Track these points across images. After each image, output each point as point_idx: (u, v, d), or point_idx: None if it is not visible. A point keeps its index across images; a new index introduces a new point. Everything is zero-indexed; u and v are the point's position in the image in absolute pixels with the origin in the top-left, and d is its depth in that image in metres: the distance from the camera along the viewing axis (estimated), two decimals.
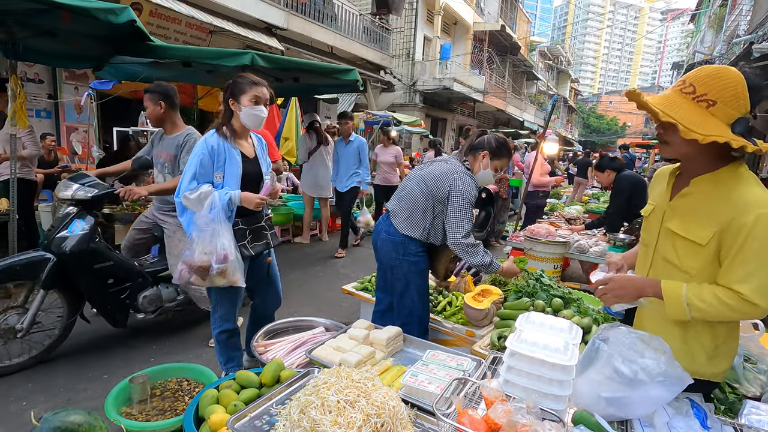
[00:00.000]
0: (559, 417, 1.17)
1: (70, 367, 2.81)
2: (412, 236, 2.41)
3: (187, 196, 2.16)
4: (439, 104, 19.92)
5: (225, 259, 2.13)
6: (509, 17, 26.30)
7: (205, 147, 2.20)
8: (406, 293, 2.47)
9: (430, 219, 2.40)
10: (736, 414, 1.49)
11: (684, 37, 59.89)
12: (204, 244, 2.12)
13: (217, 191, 2.18)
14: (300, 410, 1.14)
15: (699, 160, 1.31)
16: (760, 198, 1.20)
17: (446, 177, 2.34)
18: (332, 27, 11.94)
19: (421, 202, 2.38)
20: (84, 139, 7.96)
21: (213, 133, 2.25)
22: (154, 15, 7.97)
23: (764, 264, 1.19)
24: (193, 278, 2.18)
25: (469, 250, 2.32)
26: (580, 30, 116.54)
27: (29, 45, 3.90)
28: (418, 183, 2.41)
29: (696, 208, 1.32)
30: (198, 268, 2.13)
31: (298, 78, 5.38)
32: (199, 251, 2.12)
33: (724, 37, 14.94)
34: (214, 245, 2.12)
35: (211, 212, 2.13)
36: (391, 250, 2.45)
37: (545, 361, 1.24)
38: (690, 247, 1.32)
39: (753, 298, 1.19)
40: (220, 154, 2.21)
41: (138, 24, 3.41)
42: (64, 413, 1.30)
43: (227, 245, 2.15)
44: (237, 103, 2.24)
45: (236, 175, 2.26)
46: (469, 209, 2.32)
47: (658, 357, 1.22)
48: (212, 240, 2.12)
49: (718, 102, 1.18)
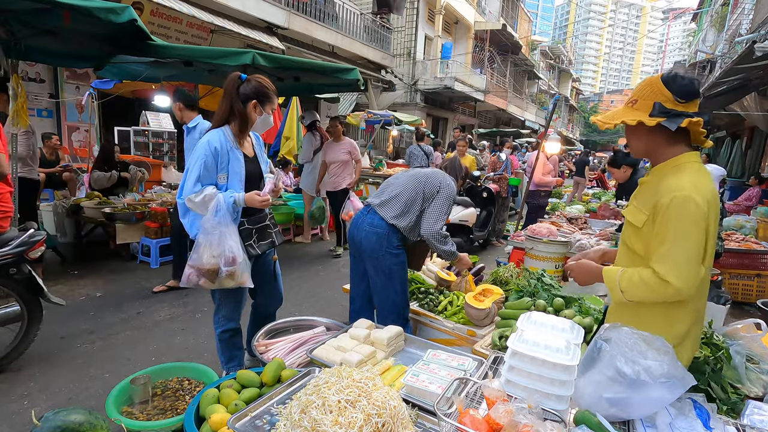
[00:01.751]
0: (561, 417, 1.17)
1: (71, 366, 2.81)
2: (398, 226, 2.55)
3: (191, 198, 2.13)
4: (440, 104, 19.89)
5: (233, 261, 2.12)
6: (510, 16, 26.24)
7: (208, 149, 2.14)
8: (390, 285, 2.59)
9: (415, 214, 2.59)
10: (738, 414, 1.49)
11: (686, 36, 59.72)
12: (212, 248, 2.11)
13: (221, 194, 2.16)
14: (301, 410, 1.14)
15: (651, 153, 1.48)
16: (680, 183, 1.32)
17: (436, 176, 2.65)
18: (333, 26, 11.92)
19: (413, 197, 2.59)
20: (85, 138, 7.97)
21: (215, 133, 2.19)
22: (156, 14, 7.97)
23: (677, 244, 1.29)
24: (202, 281, 2.15)
25: (442, 239, 2.56)
26: (582, 29, 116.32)
27: (31, 44, 3.91)
28: (410, 180, 2.64)
29: (642, 195, 1.49)
30: (207, 272, 2.12)
31: (299, 77, 5.38)
32: (208, 255, 2.10)
33: (726, 36, 14.88)
34: (222, 248, 2.10)
35: (217, 215, 2.11)
36: (374, 242, 2.56)
37: (547, 361, 1.24)
38: (634, 231, 1.46)
39: (667, 276, 1.29)
40: (223, 155, 2.18)
41: (139, 23, 3.41)
42: (65, 412, 1.30)
43: (235, 247, 2.14)
44: (261, 108, 2.26)
45: (240, 176, 2.24)
46: (450, 207, 2.61)
47: (660, 358, 1.21)
48: (220, 243, 2.11)
49: (639, 100, 1.42)
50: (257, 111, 2.26)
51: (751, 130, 12.09)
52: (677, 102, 1.35)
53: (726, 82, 8.25)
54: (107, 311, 3.67)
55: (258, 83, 2.25)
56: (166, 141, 9.12)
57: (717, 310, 2.42)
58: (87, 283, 4.29)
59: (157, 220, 4.92)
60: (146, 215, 4.97)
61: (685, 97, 1.35)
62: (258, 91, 2.24)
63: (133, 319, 3.56)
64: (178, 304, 3.90)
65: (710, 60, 16.12)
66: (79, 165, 7.10)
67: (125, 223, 4.91)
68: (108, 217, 4.87)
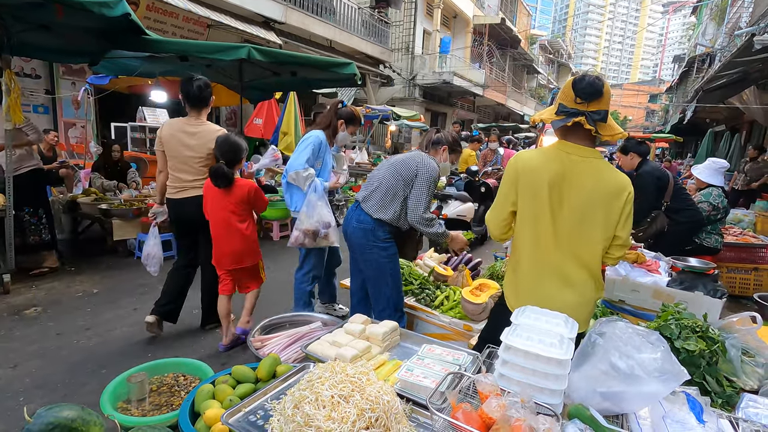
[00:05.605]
0: (554, 411, 1.17)
1: (67, 363, 2.81)
2: (383, 219, 2.56)
3: (300, 172, 2.90)
4: (439, 98, 19.83)
5: (329, 225, 2.96)
6: (509, 10, 26.11)
7: (316, 140, 3.00)
8: (381, 278, 2.61)
9: (400, 201, 2.56)
10: (733, 407, 1.49)
11: (685, 29, 59.45)
12: (314, 215, 2.91)
13: (318, 178, 2.97)
14: (294, 405, 1.14)
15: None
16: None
17: (413, 159, 2.57)
18: (331, 21, 11.85)
19: (392, 185, 2.56)
20: (82, 134, 7.93)
21: (320, 132, 3.07)
22: (152, 9, 7.91)
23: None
24: (306, 240, 2.95)
25: (428, 223, 2.54)
26: (581, 23, 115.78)
27: (25, 39, 3.88)
28: (388, 169, 2.61)
29: None
30: (310, 233, 2.92)
31: (296, 72, 5.35)
32: (312, 220, 2.90)
33: (726, 29, 14.82)
34: (321, 216, 2.92)
35: (318, 192, 2.94)
36: (362, 237, 2.60)
37: (540, 355, 1.23)
38: None
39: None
40: (323, 149, 3.04)
41: (133, 17, 3.38)
42: (57, 408, 1.29)
43: (329, 216, 2.98)
44: (346, 126, 3.15)
45: (328, 166, 3.14)
46: (432, 188, 2.54)
47: (654, 352, 1.21)
48: (321, 212, 2.92)
49: (556, 100, 1.65)
50: (342, 128, 3.15)
51: (750, 123, 12.07)
52: (576, 102, 1.54)
53: (725, 75, 8.22)
54: (104, 307, 3.67)
55: (350, 110, 3.17)
56: None
57: (713, 304, 2.41)
58: (84, 279, 4.28)
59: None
60: (143, 211, 4.96)
61: (584, 98, 1.53)
62: (347, 115, 3.13)
63: (130, 315, 3.56)
64: None
65: (710, 53, 16.06)
66: (75, 161, 7.07)
67: (122, 220, 4.90)
68: (104, 214, 4.86)
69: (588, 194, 1.58)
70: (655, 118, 48.94)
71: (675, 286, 2.64)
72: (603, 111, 1.54)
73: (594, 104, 1.53)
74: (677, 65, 29.72)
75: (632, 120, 57.90)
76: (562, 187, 1.60)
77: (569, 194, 1.60)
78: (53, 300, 3.75)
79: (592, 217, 1.60)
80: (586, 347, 1.31)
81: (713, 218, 3.93)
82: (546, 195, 1.60)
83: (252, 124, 8.55)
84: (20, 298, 3.76)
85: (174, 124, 2.99)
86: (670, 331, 1.75)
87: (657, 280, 2.76)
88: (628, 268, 2.91)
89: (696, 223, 3.83)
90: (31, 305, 3.62)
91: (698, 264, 2.80)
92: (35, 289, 3.96)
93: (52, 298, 3.80)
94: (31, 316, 3.44)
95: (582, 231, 1.61)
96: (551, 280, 1.67)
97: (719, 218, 4.00)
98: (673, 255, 3.13)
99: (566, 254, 1.64)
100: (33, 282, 4.11)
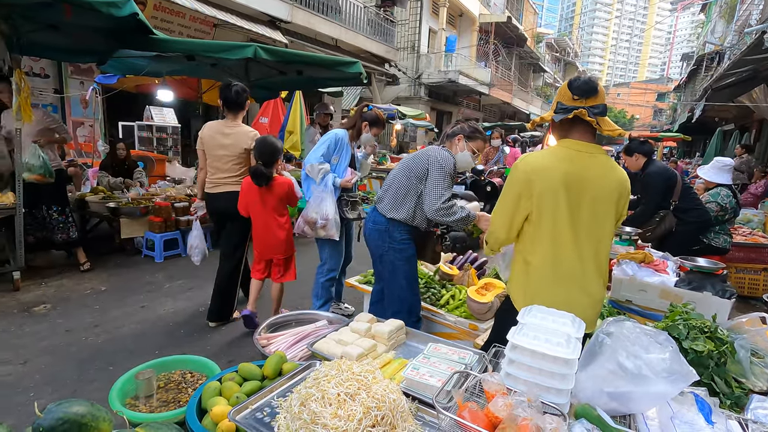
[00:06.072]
0: (561, 411, 1.16)
1: (76, 359, 2.84)
2: (397, 218, 2.50)
3: (314, 165, 3.03)
4: (445, 97, 19.77)
5: (327, 218, 3.05)
6: (516, 8, 25.98)
7: (335, 137, 3.13)
8: (394, 280, 2.55)
9: (413, 199, 2.48)
10: (742, 409, 1.47)
11: (694, 27, 58.82)
12: (315, 206, 3.06)
13: (331, 174, 3.10)
14: (300, 402, 1.14)
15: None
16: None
17: (424, 154, 2.48)
18: (336, 20, 11.85)
19: (404, 184, 2.49)
20: (90, 133, 8.00)
21: (343, 130, 3.19)
22: (159, 9, 7.96)
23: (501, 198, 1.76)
24: (306, 228, 3.12)
25: (446, 211, 2.34)
26: (588, 21, 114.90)
27: (33, 39, 3.92)
28: (400, 167, 2.57)
29: None
30: (310, 222, 3.08)
31: (302, 71, 5.36)
32: (312, 210, 3.07)
33: (736, 27, 14.63)
34: (322, 208, 3.05)
35: (327, 186, 3.08)
36: (378, 239, 2.57)
37: (547, 354, 1.23)
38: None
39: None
40: (342, 145, 3.15)
41: (140, 17, 3.40)
42: (67, 404, 1.30)
43: (330, 209, 3.07)
44: (370, 128, 3.24)
45: (345, 162, 3.19)
46: (447, 180, 2.37)
47: (663, 352, 1.20)
48: (321, 204, 3.06)
49: (554, 101, 1.70)
50: (366, 129, 3.24)
51: (759, 122, 11.93)
52: (574, 99, 1.60)
53: (735, 73, 8.13)
54: (112, 305, 3.70)
55: (375, 113, 3.23)
56: (170, 136, 9.14)
57: (722, 304, 2.38)
58: (92, 277, 4.32)
59: (161, 215, 4.94)
60: (150, 210, 5.00)
61: (581, 95, 1.59)
62: (372, 118, 3.22)
63: (137, 312, 3.59)
64: (182, 299, 3.92)
65: (719, 51, 15.88)
66: (84, 160, 7.14)
67: (130, 218, 4.93)
68: (112, 212, 4.90)
69: (601, 190, 1.61)
70: (662, 116, 48.47)
71: (683, 287, 2.61)
72: (601, 105, 1.60)
73: (591, 100, 1.59)
74: (686, 63, 29.41)
75: (639, 119, 57.38)
76: (578, 187, 1.60)
77: (586, 192, 1.61)
78: (62, 297, 3.80)
79: (605, 213, 1.64)
80: (594, 347, 1.30)
81: (721, 218, 3.90)
82: (563, 195, 1.60)
83: (258, 123, 8.58)
84: (30, 295, 3.81)
85: (213, 126, 3.27)
86: (678, 332, 1.73)
87: (665, 280, 2.73)
88: (635, 267, 2.88)
89: (704, 223, 3.80)
90: (40, 302, 3.66)
91: (707, 264, 2.76)
92: (44, 287, 4.00)
93: (62, 295, 3.85)
94: (40, 313, 3.48)
95: (598, 228, 1.64)
96: (569, 280, 1.66)
97: (727, 218, 3.96)
98: (682, 255, 3.10)
99: (584, 253, 1.65)
100: (42, 279, 4.15)
